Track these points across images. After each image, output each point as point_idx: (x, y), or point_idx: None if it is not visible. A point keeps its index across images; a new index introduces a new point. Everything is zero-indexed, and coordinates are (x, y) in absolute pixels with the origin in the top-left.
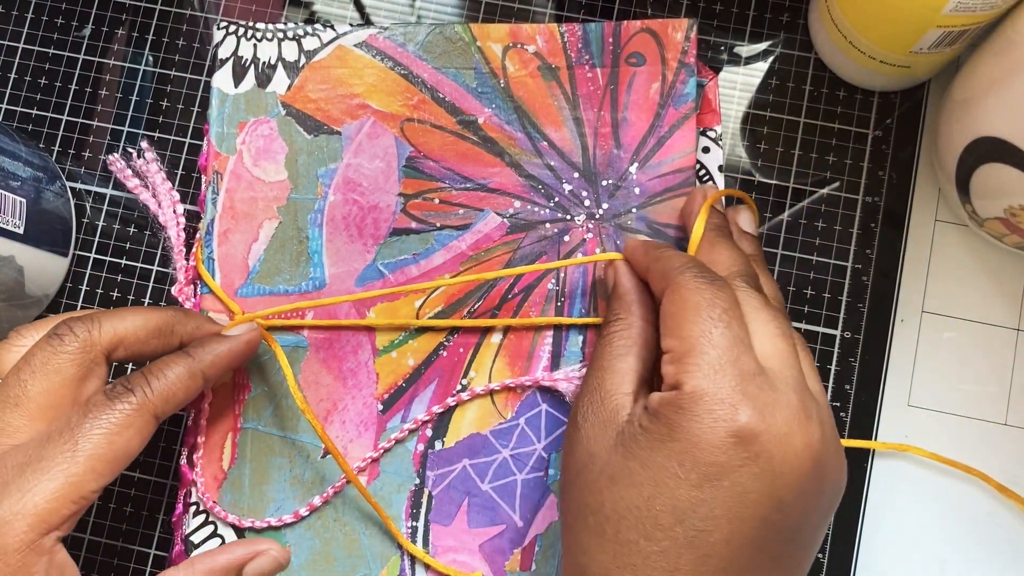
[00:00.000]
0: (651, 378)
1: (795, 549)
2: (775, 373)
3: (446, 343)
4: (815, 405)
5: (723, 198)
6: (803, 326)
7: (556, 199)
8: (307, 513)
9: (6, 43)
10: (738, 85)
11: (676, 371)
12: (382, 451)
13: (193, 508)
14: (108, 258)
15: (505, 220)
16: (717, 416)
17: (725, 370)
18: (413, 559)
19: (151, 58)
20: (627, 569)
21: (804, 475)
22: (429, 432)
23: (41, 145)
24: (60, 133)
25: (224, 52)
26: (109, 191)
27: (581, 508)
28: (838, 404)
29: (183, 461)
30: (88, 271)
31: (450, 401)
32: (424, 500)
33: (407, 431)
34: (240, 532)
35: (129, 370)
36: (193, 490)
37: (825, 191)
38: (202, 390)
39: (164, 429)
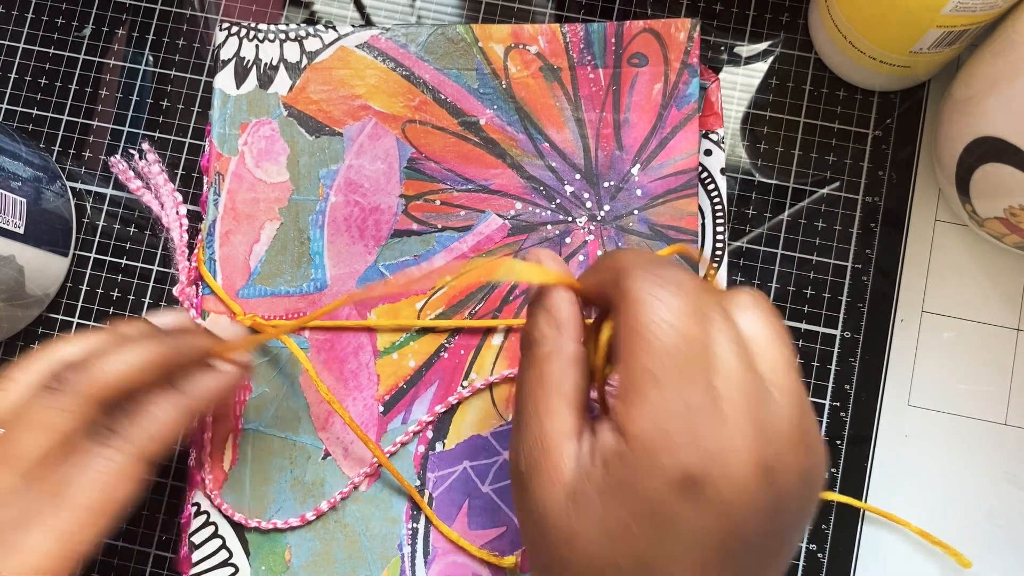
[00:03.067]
0: (588, 400)
1: (769, 558)
2: (729, 396)
3: (447, 345)
4: (775, 410)
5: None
6: (803, 326)
7: (558, 200)
8: (314, 518)
9: (6, 43)
10: (738, 85)
11: (622, 410)
12: (389, 454)
13: (194, 508)
14: (108, 258)
15: (506, 222)
16: (663, 466)
17: (672, 410)
18: (414, 560)
19: (151, 58)
20: None
21: (758, 497)
22: (430, 434)
23: (41, 145)
24: (60, 133)
25: (226, 53)
26: (109, 191)
27: (547, 564)
28: (838, 404)
29: (191, 462)
30: (88, 271)
31: (452, 399)
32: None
33: (411, 434)
34: (245, 531)
35: None
36: (197, 490)
37: (825, 191)
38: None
39: None
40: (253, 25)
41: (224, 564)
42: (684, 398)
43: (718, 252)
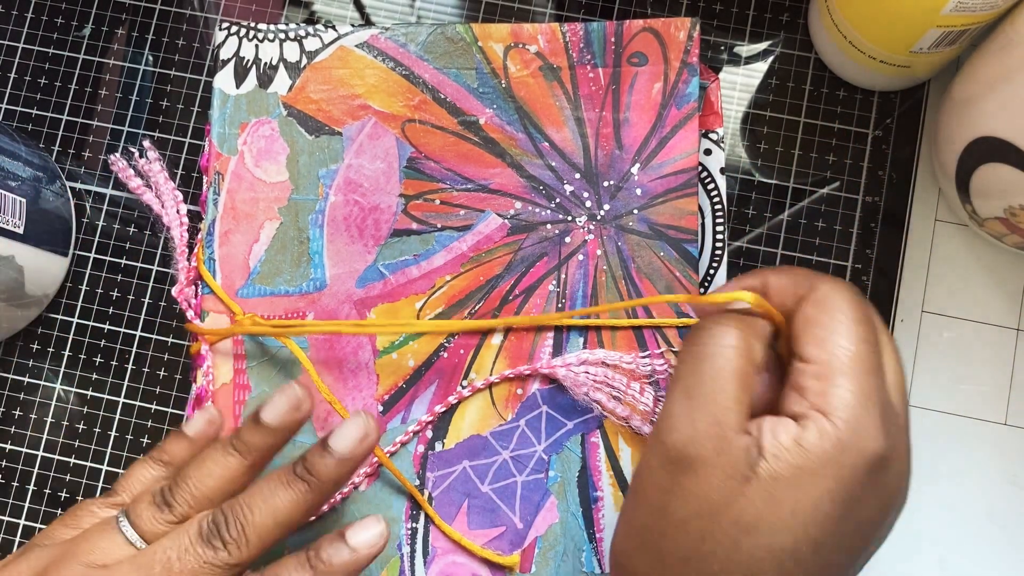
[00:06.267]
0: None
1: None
2: (898, 410)
3: (447, 344)
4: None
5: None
6: None
7: (557, 200)
8: (313, 518)
9: (6, 43)
10: (738, 85)
11: (824, 389)
12: (388, 453)
13: None
14: (108, 258)
15: (506, 221)
16: (866, 449)
17: (873, 399)
18: (413, 560)
19: (151, 58)
20: None
21: (898, 509)
22: (429, 434)
23: (41, 145)
24: (60, 133)
25: (226, 53)
26: (109, 191)
27: (698, 555)
28: None
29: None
30: (88, 271)
31: (451, 399)
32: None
33: (411, 433)
34: None
35: None
36: None
37: (825, 191)
38: None
39: (164, 429)
40: (253, 25)
41: None
42: (881, 391)
43: (718, 252)
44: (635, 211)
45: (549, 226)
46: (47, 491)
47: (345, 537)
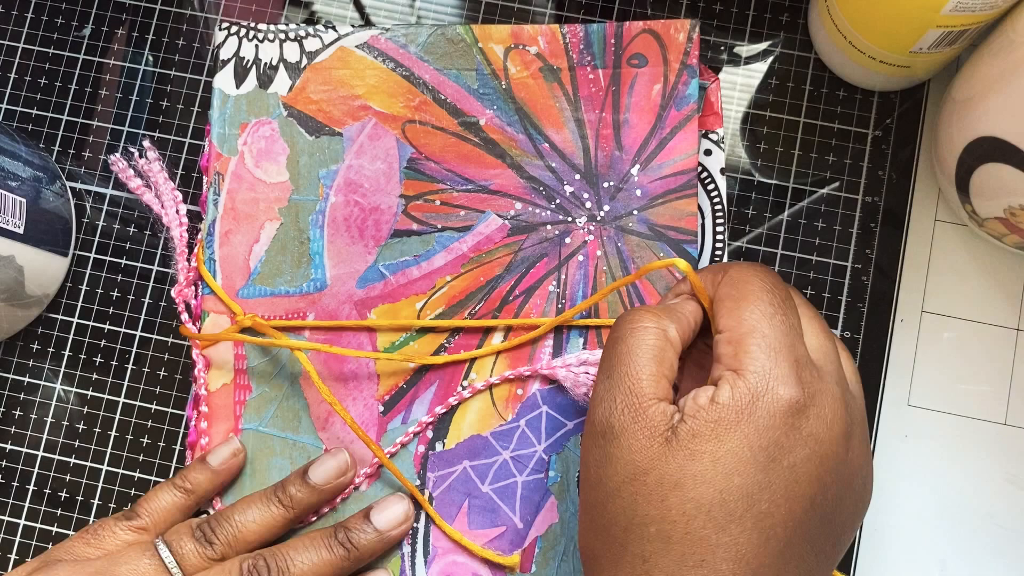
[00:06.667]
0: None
1: (829, 541)
2: (820, 365)
3: (447, 345)
4: (853, 402)
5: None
6: None
7: (557, 201)
8: (314, 519)
9: (6, 43)
10: (738, 85)
11: (735, 351)
12: (389, 454)
13: None
14: (108, 258)
15: (506, 222)
16: (778, 395)
17: (783, 353)
18: (414, 560)
19: (151, 58)
20: (697, 567)
21: (841, 462)
22: (430, 434)
23: (41, 145)
24: (60, 133)
25: (226, 53)
26: (109, 191)
27: (635, 520)
28: None
29: (188, 463)
30: (88, 271)
31: (452, 400)
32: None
33: (411, 434)
34: None
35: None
36: None
37: (825, 191)
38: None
39: (164, 429)
40: (253, 25)
41: None
42: (794, 349)
43: (718, 252)
44: (635, 212)
45: (549, 227)
46: (47, 491)
47: (370, 518)
